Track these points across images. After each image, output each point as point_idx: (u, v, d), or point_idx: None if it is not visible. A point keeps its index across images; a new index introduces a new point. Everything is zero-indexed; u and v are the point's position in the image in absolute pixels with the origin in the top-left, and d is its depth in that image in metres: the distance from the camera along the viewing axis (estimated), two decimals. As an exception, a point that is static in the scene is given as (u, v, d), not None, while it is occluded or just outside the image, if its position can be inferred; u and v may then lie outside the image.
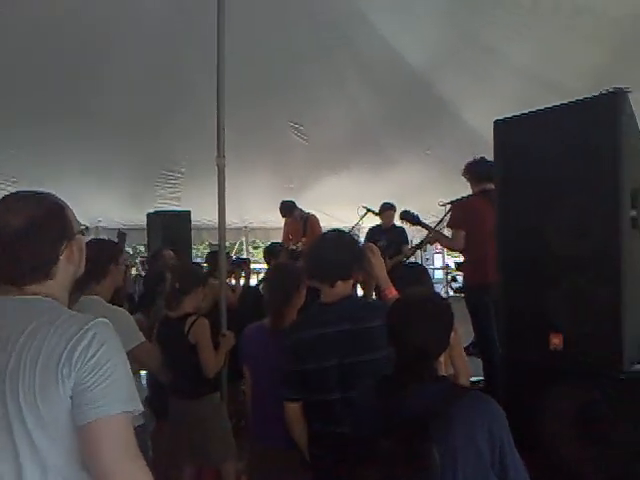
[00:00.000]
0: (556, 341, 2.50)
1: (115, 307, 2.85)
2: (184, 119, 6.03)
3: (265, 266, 5.90)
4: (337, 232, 2.47)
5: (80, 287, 2.74)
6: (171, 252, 5.45)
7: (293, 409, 2.26)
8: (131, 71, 5.32)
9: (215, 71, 3.74)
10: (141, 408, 1.26)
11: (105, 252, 2.93)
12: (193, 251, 10.28)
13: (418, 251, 6.19)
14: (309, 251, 2.39)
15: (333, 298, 2.22)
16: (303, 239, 6.42)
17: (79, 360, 1.18)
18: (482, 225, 3.98)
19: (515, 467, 1.66)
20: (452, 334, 1.85)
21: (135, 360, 2.32)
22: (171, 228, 6.47)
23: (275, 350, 2.56)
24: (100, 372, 1.18)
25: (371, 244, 2.35)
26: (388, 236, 6.25)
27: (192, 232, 7.11)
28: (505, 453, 1.64)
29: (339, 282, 2.21)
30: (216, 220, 3.97)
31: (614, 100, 2.45)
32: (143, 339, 2.84)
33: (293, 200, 6.78)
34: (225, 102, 3.98)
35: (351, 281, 2.25)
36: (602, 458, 2.31)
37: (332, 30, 5.23)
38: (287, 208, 6.71)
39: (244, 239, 9.35)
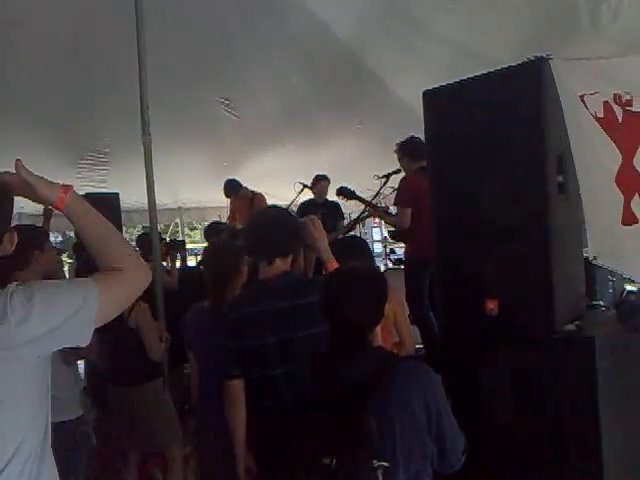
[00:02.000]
0: (491, 306, 2.58)
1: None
2: (108, 97, 5.76)
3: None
4: (275, 208, 2.46)
5: (4, 275, 2.61)
6: (100, 237, 5.25)
7: (233, 386, 2.24)
8: (50, 47, 5.00)
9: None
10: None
11: (29, 238, 2.79)
12: (126, 235, 9.96)
13: (357, 225, 6.18)
14: (247, 228, 2.37)
15: (271, 275, 2.21)
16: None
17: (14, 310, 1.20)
18: (424, 201, 4.07)
19: (451, 432, 1.72)
20: (389, 305, 1.88)
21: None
22: (99, 211, 6.21)
23: (218, 331, 2.53)
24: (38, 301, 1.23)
25: (313, 216, 2.34)
26: (322, 211, 5.91)
27: (122, 215, 6.88)
28: (441, 419, 1.69)
29: (277, 259, 2.20)
30: (145, 201, 3.85)
31: (537, 67, 2.51)
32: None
33: (236, 178, 6.61)
34: (149, 79, 3.84)
35: (290, 257, 2.24)
36: (537, 418, 2.42)
37: (259, 6, 5.09)
38: (232, 187, 6.53)
39: (179, 220, 9.12)
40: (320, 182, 6.20)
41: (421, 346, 4.26)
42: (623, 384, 2.44)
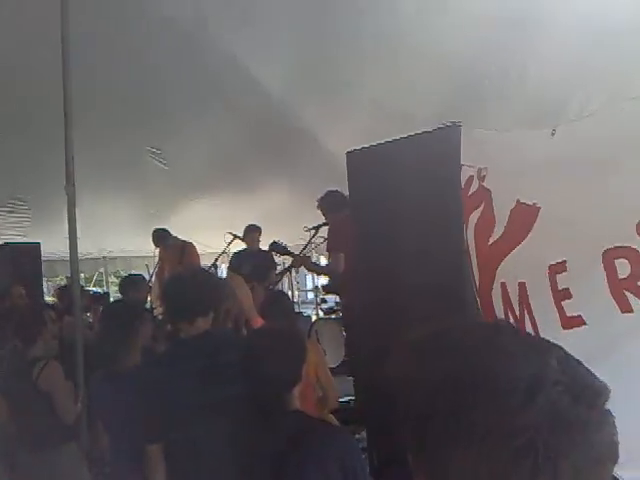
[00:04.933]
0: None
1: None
2: (29, 144, 5.61)
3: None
4: (192, 269, 2.46)
5: None
6: (21, 289, 5.03)
7: (152, 451, 2.17)
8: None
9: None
10: None
11: None
12: (48, 285, 9.53)
13: (288, 273, 6.20)
14: (166, 290, 2.36)
15: (192, 334, 2.21)
16: (179, 268, 6.16)
17: None
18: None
19: None
20: (310, 359, 1.89)
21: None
22: (19, 262, 5.96)
23: (116, 396, 2.44)
24: None
25: (235, 276, 2.36)
26: (254, 261, 5.91)
27: (44, 265, 6.61)
28: None
29: (199, 319, 2.20)
30: (68, 251, 3.72)
31: (450, 133, 2.66)
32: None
33: (166, 228, 6.52)
34: (76, 125, 3.77)
35: (210, 316, 2.24)
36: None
37: (190, 58, 5.17)
38: (160, 237, 6.41)
39: (103, 270, 8.82)
40: (251, 233, 6.24)
41: (347, 398, 4.25)
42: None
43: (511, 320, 2.08)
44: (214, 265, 5.70)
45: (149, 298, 4.92)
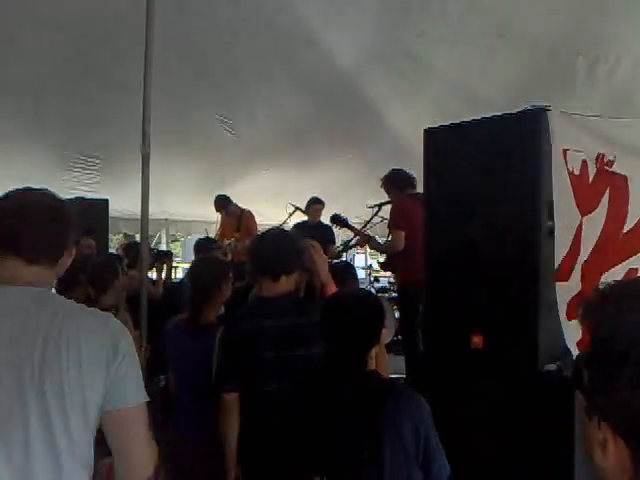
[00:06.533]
0: (476, 340, 2.65)
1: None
2: (106, 102, 5.77)
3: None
4: (280, 229, 2.51)
5: None
6: (91, 241, 5.25)
7: (228, 400, 2.25)
8: (53, 46, 5.02)
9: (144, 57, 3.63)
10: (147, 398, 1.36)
11: None
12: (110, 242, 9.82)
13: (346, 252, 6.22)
14: (254, 245, 2.42)
15: (275, 293, 2.25)
16: (236, 234, 6.29)
17: (121, 351, 1.31)
18: (416, 225, 4.14)
19: (439, 459, 1.76)
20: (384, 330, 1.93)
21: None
22: (88, 216, 6.18)
23: (194, 345, 2.56)
24: (130, 363, 1.33)
25: (314, 241, 2.40)
26: (313, 233, 6.11)
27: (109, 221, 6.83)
28: (429, 447, 1.74)
29: (282, 277, 2.24)
30: (132, 210, 3.84)
31: (537, 117, 2.62)
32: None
33: (227, 195, 6.64)
34: (152, 90, 3.86)
35: (294, 276, 2.29)
36: (514, 452, 2.47)
37: (264, 28, 5.20)
38: (221, 203, 6.55)
39: (164, 231, 9.04)
40: (314, 205, 6.29)
41: (396, 375, 4.28)
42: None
43: None
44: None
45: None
